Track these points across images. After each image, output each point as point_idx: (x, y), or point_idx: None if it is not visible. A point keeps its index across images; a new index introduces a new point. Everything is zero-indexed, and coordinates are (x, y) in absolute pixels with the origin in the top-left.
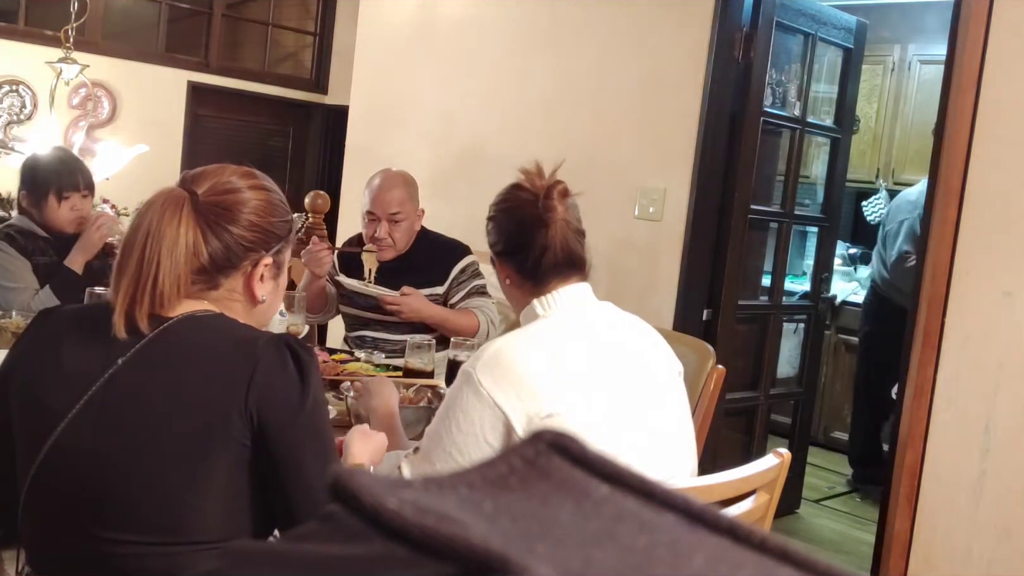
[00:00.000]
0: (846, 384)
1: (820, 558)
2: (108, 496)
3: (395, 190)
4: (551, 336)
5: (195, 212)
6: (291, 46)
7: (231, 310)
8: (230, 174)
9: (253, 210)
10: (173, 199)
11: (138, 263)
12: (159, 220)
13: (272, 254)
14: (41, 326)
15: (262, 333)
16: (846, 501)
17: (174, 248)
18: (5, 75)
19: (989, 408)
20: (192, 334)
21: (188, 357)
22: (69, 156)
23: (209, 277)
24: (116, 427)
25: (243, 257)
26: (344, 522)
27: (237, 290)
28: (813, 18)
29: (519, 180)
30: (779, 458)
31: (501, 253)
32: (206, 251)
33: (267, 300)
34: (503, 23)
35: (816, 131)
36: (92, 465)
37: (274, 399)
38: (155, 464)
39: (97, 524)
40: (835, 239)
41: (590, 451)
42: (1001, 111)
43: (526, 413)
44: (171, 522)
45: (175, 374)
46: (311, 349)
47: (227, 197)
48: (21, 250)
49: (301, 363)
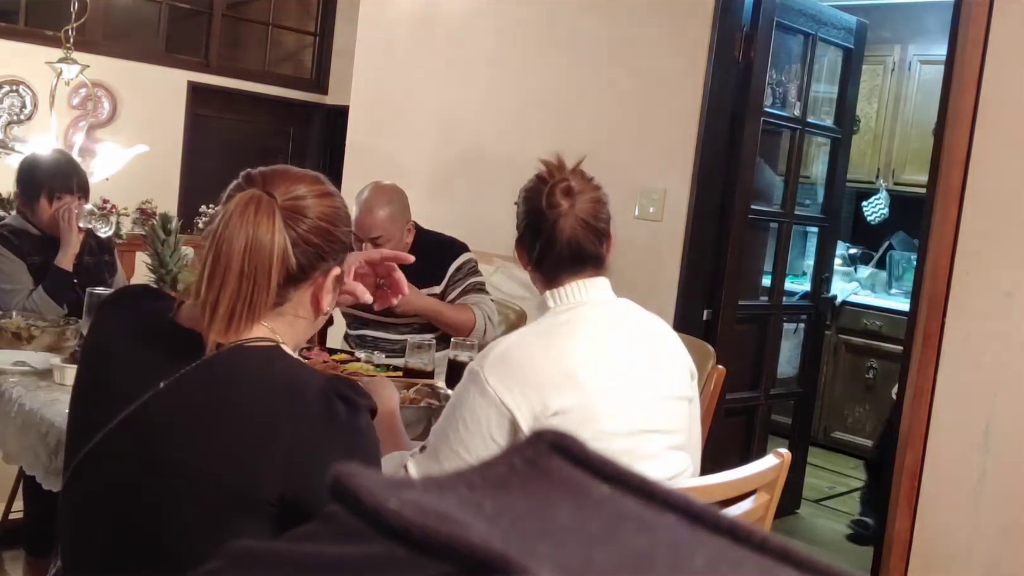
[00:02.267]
0: (846, 384)
1: (820, 558)
2: (131, 520)
3: (378, 212)
4: (561, 334)
5: (283, 218)
6: (291, 46)
7: (294, 327)
8: (302, 178)
9: (326, 218)
10: (263, 205)
11: (238, 278)
12: (255, 228)
13: (340, 263)
14: (105, 317)
15: (313, 377)
16: (846, 501)
17: (270, 258)
18: (5, 75)
19: (989, 408)
20: (238, 370)
21: (228, 397)
22: (66, 158)
23: (282, 290)
24: (144, 457)
25: (317, 267)
26: (344, 522)
27: (304, 303)
28: (813, 18)
29: (539, 170)
30: (779, 458)
31: (518, 240)
32: (294, 260)
33: (328, 310)
34: (503, 23)
35: (816, 131)
36: (120, 485)
37: (314, 463)
38: (176, 504)
39: (121, 543)
40: (835, 239)
41: (590, 451)
42: (1001, 111)
43: (532, 412)
44: (189, 564)
45: (211, 413)
46: (366, 393)
47: (303, 203)
48: (16, 251)
49: (355, 413)
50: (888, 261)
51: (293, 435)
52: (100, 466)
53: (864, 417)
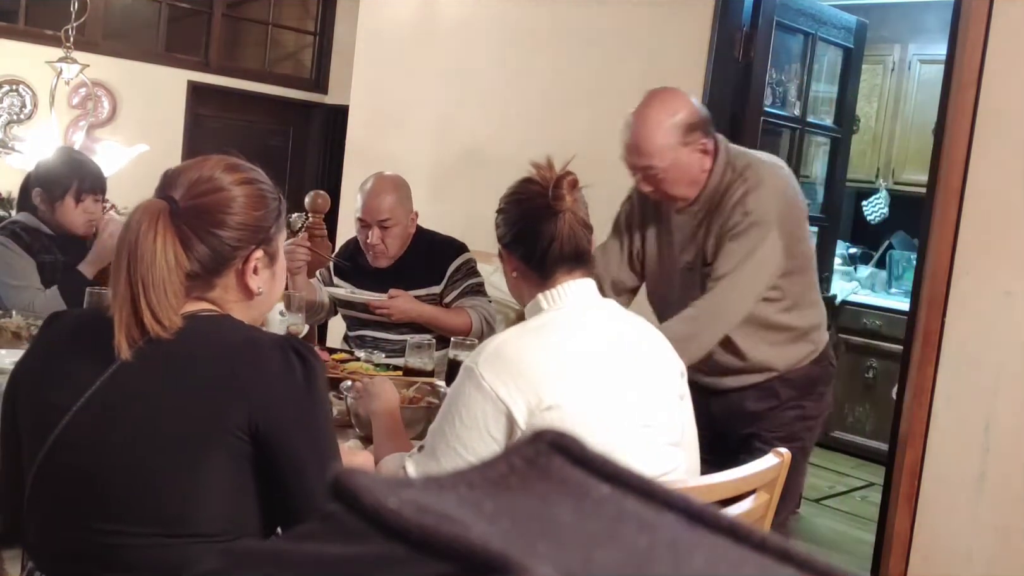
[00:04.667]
0: (846, 384)
1: (820, 558)
2: (109, 489)
3: (385, 196)
4: (554, 330)
5: (174, 223)
6: (291, 46)
7: (230, 309)
8: (211, 168)
9: (239, 207)
10: (150, 213)
11: (127, 286)
12: (136, 238)
13: (262, 245)
14: (48, 329)
15: (267, 335)
16: (846, 501)
17: (155, 266)
18: (5, 75)
19: (989, 408)
20: (195, 334)
21: (191, 356)
22: (88, 159)
23: (202, 281)
24: (117, 422)
25: (232, 256)
26: (344, 522)
27: (232, 287)
28: (813, 18)
29: (530, 174)
30: (779, 458)
31: (509, 244)
32: (191, 258)
33: (264, 290)
34: (503, 23)
35: (816, 131)
36: (93, 460)
37: (277, 404)
38: (154, 458)
39: (99, 518)
40: (835, 239)
41: (590, 451)
42: (1001, 111)
43: (527, 406)
44: (172, 515)
45: (176, 372)
46: (316, 353)
47: (208, 199)
48: (27, 248)
49: (308, 367)
50: (888, 261)
51: (252, 374)
52: (67, 455)
53: (864, 417)
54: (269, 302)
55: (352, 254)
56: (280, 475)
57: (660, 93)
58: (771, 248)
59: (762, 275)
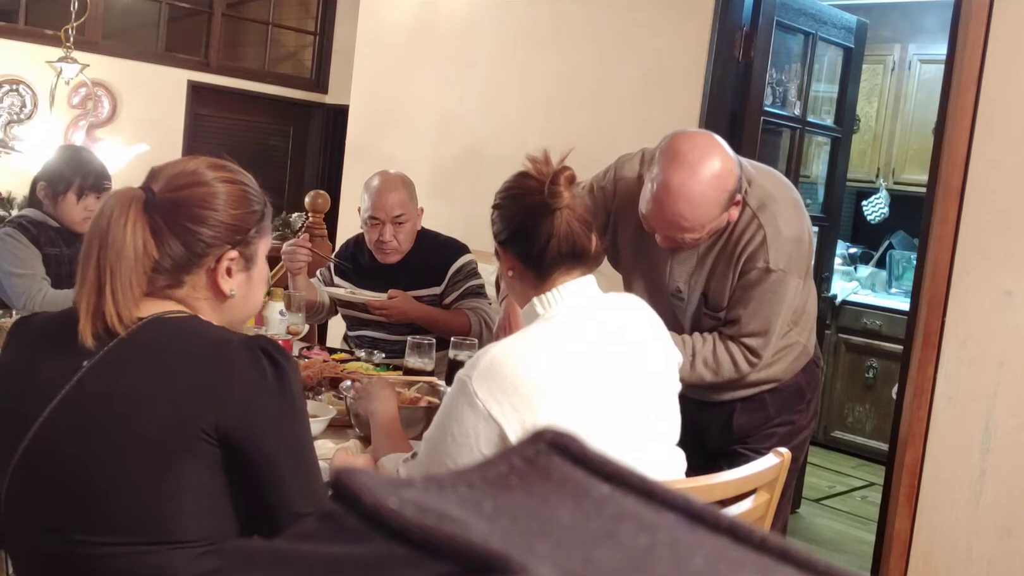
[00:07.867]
0: (846, 384)
1: (820, 558)
2: (83, 498)
3: (397, 192)
4: (549, 341)
5: (146, 212)
6: (291, 46)
7: (198, 309)
8: (197, 164)
9: (219, 204)
10: (123, 200)
11: (95, 271)
12: (107, 225)
13: (238, 247)
14: (15, 336)
15: (234, 335)
16: (846, 501)
17: (124, 252)
18: (5, 75)
19: (989, 408)
20: (161, 336)
21: (157, 359)
22: (93, 157)
23: (171, 276)
24: (86, 429)
25: (205, 253)
26: (344, 522)
27: (201, 286)
28: (813, 17)
29: (525, 168)
30: (779, 458)
31: (505, 241)
32: (162, 251)
33: (238, 294)
34: (503, 23)
35: (816, 131)
36: (65, 468)
37: (248, 409)
38: (126, 466)
39: (74, 527)
40: (835, 239)
41: (590, 451)
42: (1001, 111)
43: (521, 425)
44: (148, 523)
45: (143, 376)
46: (286, 352)
47: (186, 192)
48: (33, 240)
49: (278, 368)
50: (888, 260)
51: (220, 378)
52: (39, 463)
53: (864, 417)
54: (246, 308)
55: (352, 254)
56: (256, 480)
57: (698, 157)
58: (793, 295)
59: (785, 326)
